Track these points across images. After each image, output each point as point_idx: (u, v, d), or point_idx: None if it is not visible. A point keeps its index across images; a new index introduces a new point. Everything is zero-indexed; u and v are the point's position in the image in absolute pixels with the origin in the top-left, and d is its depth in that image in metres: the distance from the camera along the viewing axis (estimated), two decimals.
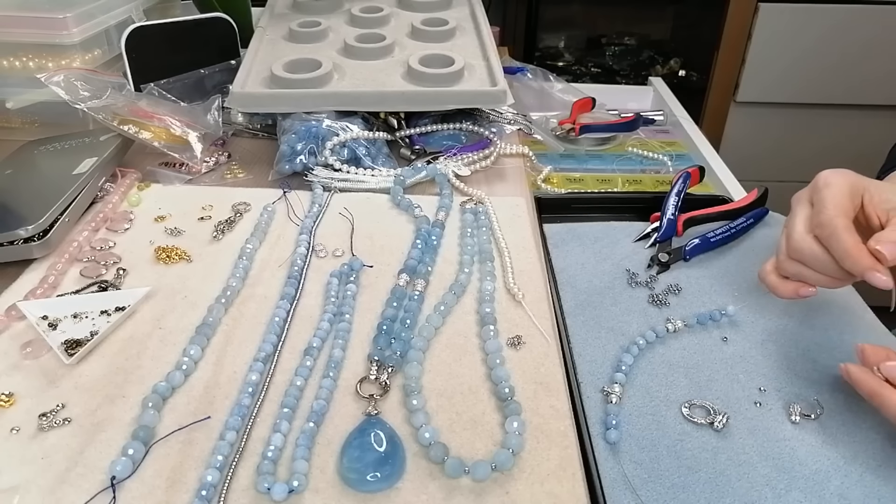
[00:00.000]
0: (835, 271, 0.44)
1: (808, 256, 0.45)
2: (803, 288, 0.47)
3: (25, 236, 0.54)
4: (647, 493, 0.40)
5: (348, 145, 0.69)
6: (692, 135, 0.89)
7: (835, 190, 0.45)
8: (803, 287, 0.47)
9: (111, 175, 0.66)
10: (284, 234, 0.60)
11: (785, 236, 0.48)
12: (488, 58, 0.77)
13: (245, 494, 0.37)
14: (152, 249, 0.57)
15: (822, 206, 0.45)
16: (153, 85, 0.75)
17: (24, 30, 0.72)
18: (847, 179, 0.46)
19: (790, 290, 0.48)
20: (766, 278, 0.49)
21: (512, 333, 0.49)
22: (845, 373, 0.44)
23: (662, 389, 0.47)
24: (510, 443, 0.40)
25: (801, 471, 0.41)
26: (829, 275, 0.45)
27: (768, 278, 0.49)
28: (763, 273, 0.50)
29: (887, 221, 0.45)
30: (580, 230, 0.65)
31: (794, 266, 0.47)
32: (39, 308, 0.49)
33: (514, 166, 0.73)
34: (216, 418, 0.42)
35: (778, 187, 0.73)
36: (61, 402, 0.42)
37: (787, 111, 1.63)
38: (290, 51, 0.79)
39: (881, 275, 0.41)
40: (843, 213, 0.44)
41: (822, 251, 0.44)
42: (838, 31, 1.51)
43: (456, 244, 0.59)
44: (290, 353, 0.47)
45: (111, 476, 0.37)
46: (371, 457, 0.38)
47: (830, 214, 0.44)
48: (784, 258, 0.48)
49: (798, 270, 0.47)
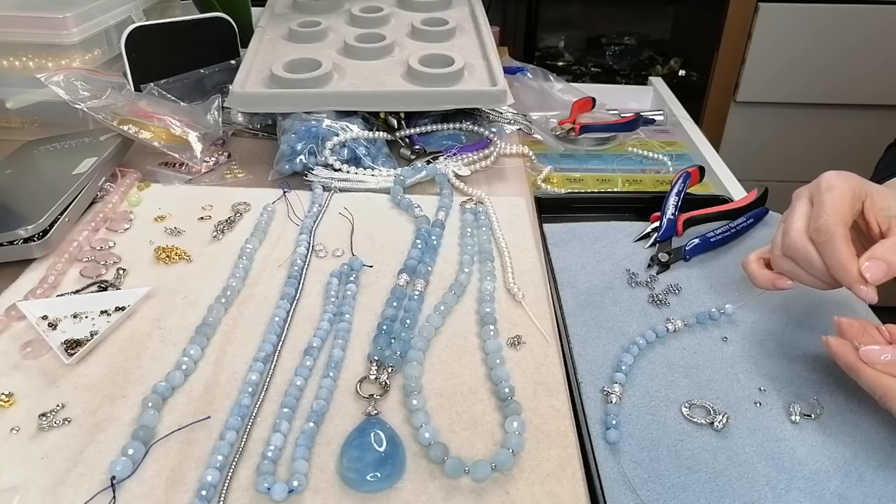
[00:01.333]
0: (825, 277, 0.45)
1: (802, 258, 0.46)
2: (780, 280, 0.48)
3: (25, 236, 0.54)
4: (647, 493, 0.40)
5: (348, 145, 0.69)
6: (692, 135, 0.89)
7: (836, 194, 0.45)
8: (780, 279, 0.48)
9: (111, 175, 0.66)
10: (284, 234, 0.60)
11: (782, 232, 0.48)
12: (488, 58, 0.77)
13: (245, 494, 0.37)
14: (152, 249, 0.57)
15: (821, 209, 0.45)
16: (153, 85, 0.75)
17: (24, 30, 0.72)
18: (850, 184, 0.46)
19: (767, 281, 0.49)
20: (747, 266, 0.51)
21: (512, 333, 0.49)
22: (826, 345, 0.44)
23: (662, 389, 0.47)
24: (510, 443, 0.40)
25: (801, 471, 0.41)
26: (819, 278, 0.46)
27: (750, 266, 0.50)
28: (746, 261, 0.51)
29: (888, 230, 0.46)
30: (580, 230, 0.65)
31: (786, 263, 0.47)
32: (39, 308, 0.49)
33: (514, 166, 0.73)
34: (216, 418, 0.42)
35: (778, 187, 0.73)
36: (61, 402, 0.42)
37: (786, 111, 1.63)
38: (289, 51, 0.79)
39: (867, 289, 0.43)
40: (842, 221, 0.44)
41: (815, 255, 0.45)
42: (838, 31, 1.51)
43: (456, 244, 0.59)
44: (290, 353, 0.47)
45: (111, 476, 0.37)
46: (371, 457, 0.38)
47: (829, 221, 0.44)
48: (778, 254, 0.48)
49: (790, 268, 0.47)
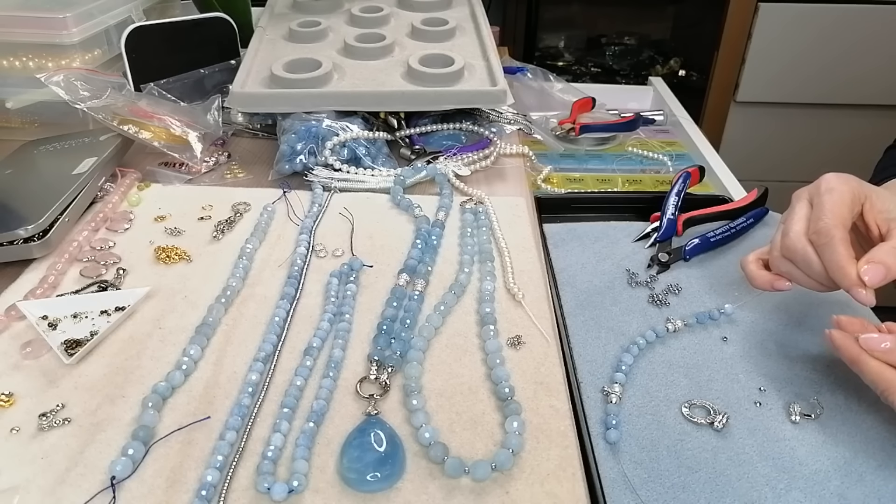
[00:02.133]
0: (823, 279, 0.45)
1: (801, 259, 0.46)
2: (778, 281, 0.49)
3: (25, 236, 0.54)
4: (647, 493, 0.40)
5: (348, 145, 0.69)
6: (692, 135, 0.89)
7: (836, 197, 0.45)
8: (778, 280, 0.49)
9: (111, 175, 0.66)
10: (284, 234, 0.60)
11: (781, 233, 0.48)
12: (488, 58, 0.77)
13: (245, 494, 0.37)
14: (152, 249, 0.57)
15: (821, 211, 0.45)
16: (153, 85, 0.75)
17: (24, 30, 0.72)
18: (849, 187, 0.46)
19: (766, 282, 0.49)
20: (746, 267, 0.51)
21: (512, 333, 0.49)
22: (829, 338, 0.44)
23: (662, 389, 0.47)
24: (510, 443, 0.40)
25: (801, 471, 0.41)
26: (817, 280, 0.46)
27: (749, 267, 0.51)
28: (745, 262, 0.51)
29: (887, 232, 0.46)
30: (580, 230, 0.65)
31: (785, 265, 0.48)
32: (39, 308, 0.49)
33: (514, 166, 0.73)
34: (216, 418, 0.42)
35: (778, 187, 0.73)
36: (61, 402, 0.42)
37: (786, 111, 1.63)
38: (289, 51, 0.79)
39: (865, 293, 0.43)
40: (841, 224, 0.44)
41: (815, 257, 0.45)
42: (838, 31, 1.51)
43: (456, 244, 0.59)
44: (290, 353, 0.47)
45: (111, 476, 0.37)
46: (371, 457, 0.38)
47: (828, 224, 0.44)
48: (777, 255, 0.48)
49: (788, 269, 0.47)
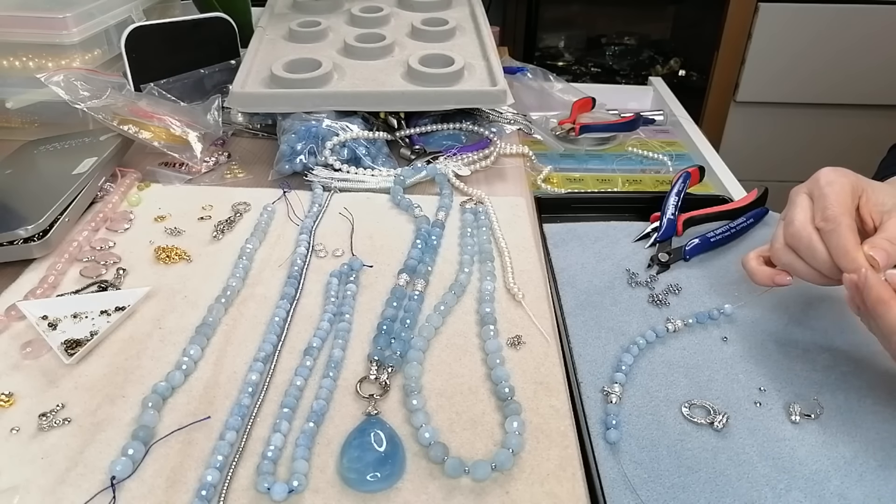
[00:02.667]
0: (827, 268, 0.45)
1: (805, 247, 0.46)
2: (780, 276, 0.49)
3: (25, 236, 0.54)
4: (647, 493, 0.40)
5: (348, 145, 0.69)
6: (692, 135, 0.89)
7: (838, 188, 0.46)
8: (780, 275, 0.49)
9: (111, 175, 0.66)
10: (284, 234, 0.60)
11: (783, 225, 0.48)
12: (488, 58, 0.77)
13: (245, 494, 0.37)
14: (152, 249, 0.57)
15: (826, 201, 0.45)
16: (153, 85, 0.75)
17: (24, 30, 0.72)
18: (848, 179, 0.47)
19: (766, 277, 0.49)
20: (747, 263, 0.51)
21: (512, 333, 0.49)
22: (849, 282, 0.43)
23: (662, 389, 0.47)
24: (510, 443, 0.40)
25: (801, 471, 0.41)
26: (820, 270, 0.46)
27: (749, 263, 0.51)
28: (745, 259, 0.51)
29: (881, 224, 0.46)
30: (580, 230, 0.65)
31: (787, 256, 0.48)
32: (39, 308, 0.49)
33: (514, 166, 0.73)
34: (216, 418, 0.42)
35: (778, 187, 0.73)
36: (61, 402, 0.42)
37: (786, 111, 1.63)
38: (289, 51, 0.79)
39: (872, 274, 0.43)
40: (848, 212, 0.45)
41: (820, 245, 0.45)
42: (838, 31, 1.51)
43: (456, 244, 0.59)
44: (290, 353, 0.47)
45: (111, 476, 0.37)
46: (371, 457, 0.38)
47: (836, 212, 0.45)
48: (780, 246, 0.48)
49: (790, 261, 0.48)
